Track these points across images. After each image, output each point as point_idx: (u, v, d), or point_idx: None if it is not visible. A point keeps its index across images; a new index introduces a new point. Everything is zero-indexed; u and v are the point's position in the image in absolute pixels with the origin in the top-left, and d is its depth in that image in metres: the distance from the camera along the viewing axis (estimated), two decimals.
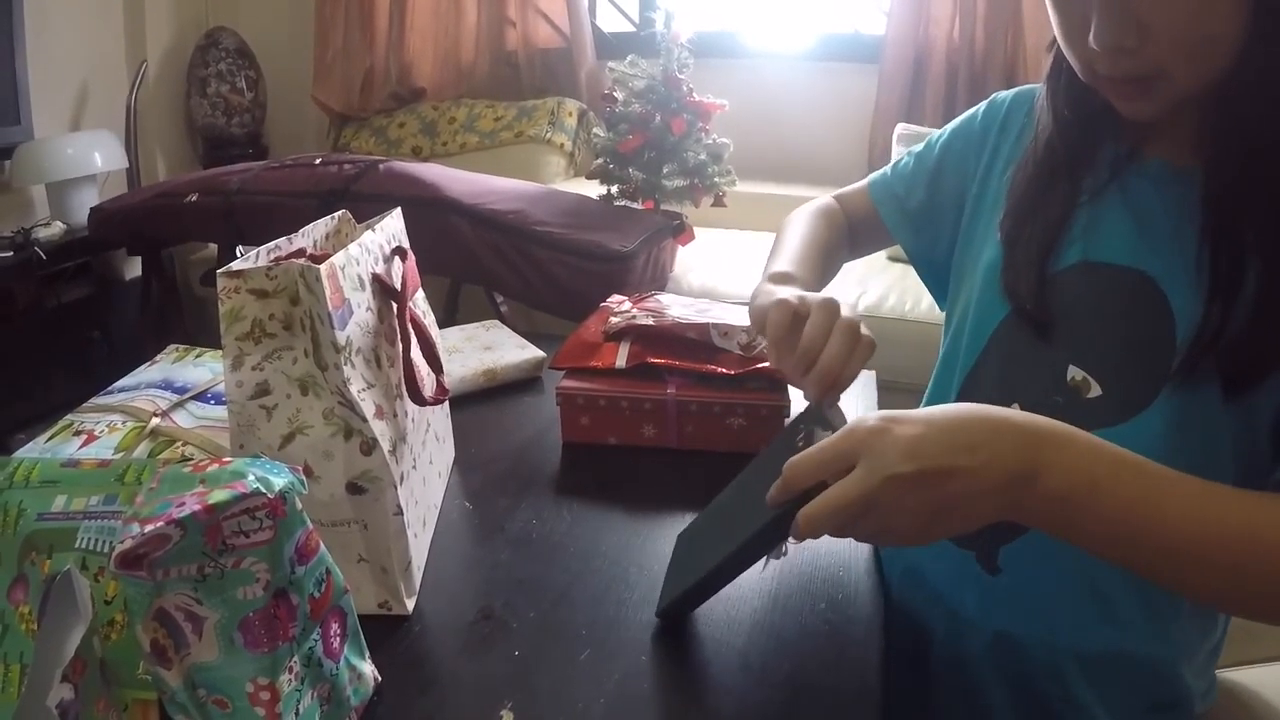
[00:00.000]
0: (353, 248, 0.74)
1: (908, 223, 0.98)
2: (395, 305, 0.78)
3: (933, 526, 0.55)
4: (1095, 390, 0.72)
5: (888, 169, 1.02)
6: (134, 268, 2.86)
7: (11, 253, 2.51)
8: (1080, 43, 0.66)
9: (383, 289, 0.77)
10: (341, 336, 0.68)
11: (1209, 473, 0.67)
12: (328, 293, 0.66)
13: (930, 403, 0.88)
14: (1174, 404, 0.68)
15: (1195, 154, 0.69)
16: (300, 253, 0.79)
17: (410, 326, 0.79)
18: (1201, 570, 0.56)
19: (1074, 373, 0.73)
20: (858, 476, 0.54)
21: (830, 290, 0.84)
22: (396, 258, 0.83)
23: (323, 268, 0.66)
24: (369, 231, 0.79)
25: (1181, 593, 0.60)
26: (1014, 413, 0.57)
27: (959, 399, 0.81)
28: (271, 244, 0.76)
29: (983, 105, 0.91)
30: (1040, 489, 0.54)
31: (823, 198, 1.08)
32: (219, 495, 0.51)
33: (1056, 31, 0.70)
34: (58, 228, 2.67)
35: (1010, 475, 0.54)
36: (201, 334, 2.78)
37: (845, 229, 1.03)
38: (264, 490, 0.52)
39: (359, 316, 0.72)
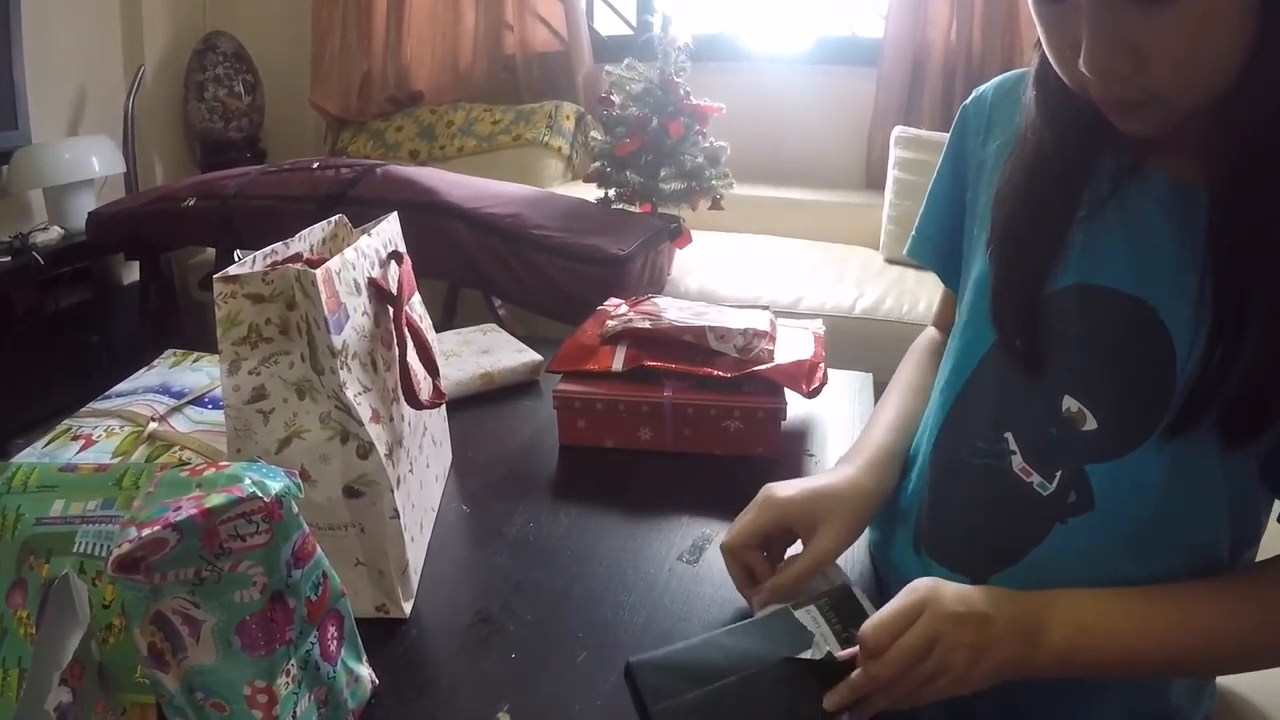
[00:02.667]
0: (349, 252, 0.74)
1: (951, 261, 0.88)
2: (391, 309, 0.79)
3: (976, 664, 0.63)
4: (1091, 423, 0.69)
5: (914, 230, 0.94)
6: (132, 272, 2.85)
7: (9, 257, 2.50)
8: (1071, 65, 0.62)
9: (379, 293, 0.78)
10: (338, 341, 0.68)
11: (1202, 508, 0.68)
12: (324, 297, 0.66)
13: (921, 425, 0.87)
14: (1172, 444, 0.66)
15: (1201, 168, 0.65)
16: (297, 257, 0.79)
17: (406, 330, 0.79)
18: (1194, 663, 0.69)
19: (1069, 403, 0.70)
20: (925, 620, 0.63)
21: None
22: (393, 262, 0.83)
23: (319, 272, 0.66)
24: (365, 236, 0.79)
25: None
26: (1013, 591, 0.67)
27: (949, 424, 0.79)
28: (268, 249, 0.76)
29: (969, 101, 0.86)
30: (1045, 645, 0.64)
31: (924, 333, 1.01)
32: (216, 499, 0.51)
33: (1046, 50, 0.66)
34: (55, 232, 2.66)
35: (1026, 630, 0.65)
36: (199, 339, 2.77)
37: (937, 347, 0.95)
38: (260, 494, 0.52)
39: (355, 321, 0.72)
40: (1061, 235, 0.71)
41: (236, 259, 0.73)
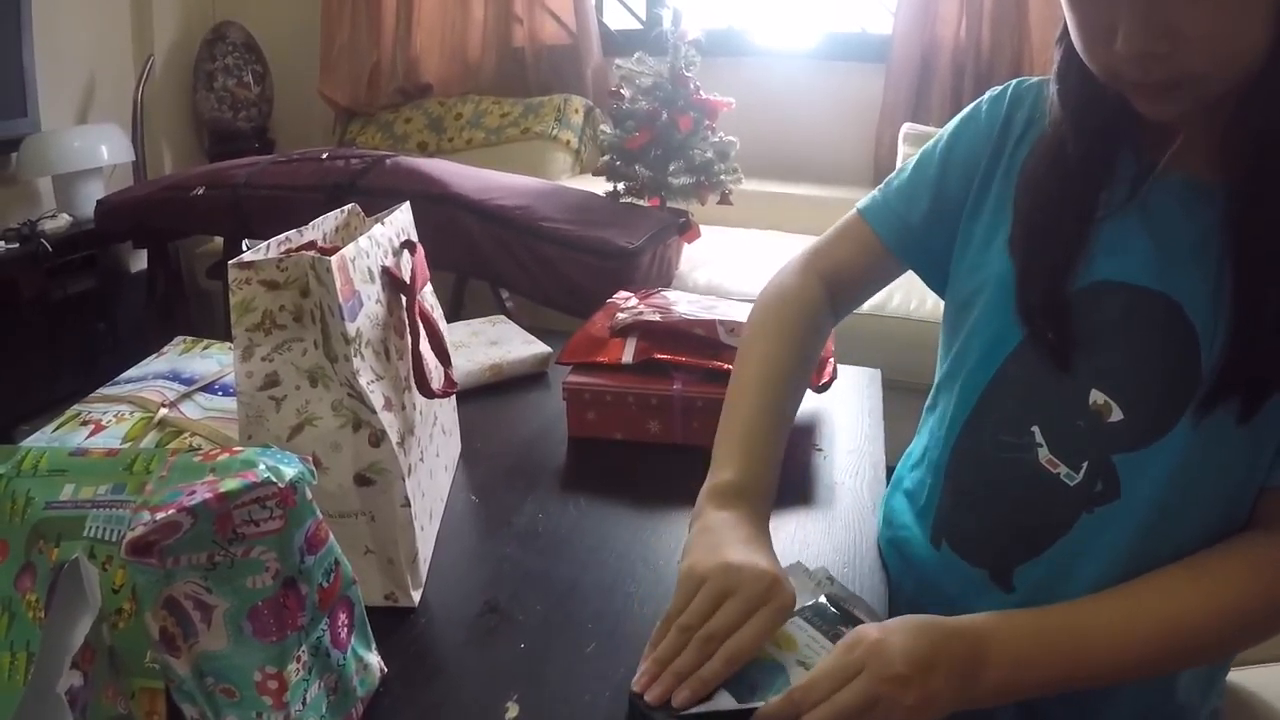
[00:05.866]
0: (363, 240, 0.74)
1: (915, 241, 0.87)
2: (405, 298, 0.78)
3: (921, 715, 0.61)
4: (1117, 415, 0.71)
5: (876, 192, 0.90)
6: (139, 261, 2.86)
7: (18, 244, 2.51)
8: (1103, 49, 0.63)
9: (392, 281, 0.77)
10: (351, 328, 0.68)
11: (1223, 496, 0.69)
12: (338, 284, 0.66)
13: (937, 420, 0.86)
14: (1197, 429, 0.67)
15: (1219, 168, 0.67)
16: (310, 245, 0.79)
17: (419, 319, 0.79)
18: (1145, 666, 0.67)
19: (1096, 396, 0.71)
20: (865, 681, 0.60)
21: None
22: (405, 251, 0.83)
23: (334, 260, 0.66)
24: (378, 225, 0.79)
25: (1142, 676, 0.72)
26: (950, 618, 0.66)
27: (973, 419, 0.79)
28: (282, 236, 0.76)
29: (985, 99, 0.85)
30: (983, 684, 0.63)
31: (787, 271, 0.93)
32: (230, 484, 0.51)
33: (1075, 37, 0.67)
34: (64, 220, 2.67)
35: (964, 674, 0.63)
36: (206, 327, 2.76)
37: (817, 309, 0.90)
38: (275, 479, 0.52)
39: (369, 309, 0.72)
40: (1082, 235, 0.72)
41: (245, 248, 0.72)
